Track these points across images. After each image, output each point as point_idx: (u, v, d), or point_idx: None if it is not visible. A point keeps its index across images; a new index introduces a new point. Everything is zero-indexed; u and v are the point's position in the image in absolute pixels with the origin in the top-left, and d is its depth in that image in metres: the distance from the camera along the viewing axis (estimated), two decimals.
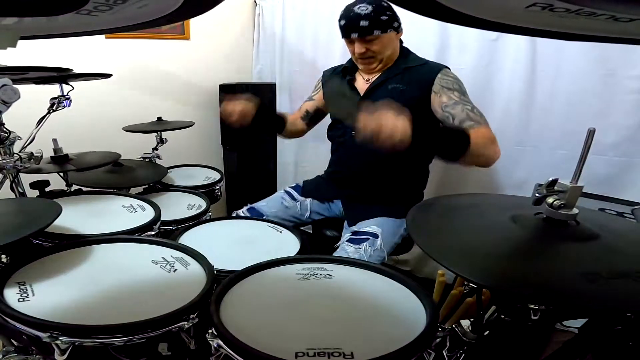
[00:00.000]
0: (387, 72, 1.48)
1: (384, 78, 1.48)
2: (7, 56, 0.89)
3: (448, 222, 0.78)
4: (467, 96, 1.37)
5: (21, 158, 1.14)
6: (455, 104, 1.33)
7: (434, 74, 1.39)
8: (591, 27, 0.42)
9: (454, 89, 1.36)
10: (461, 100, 1.33)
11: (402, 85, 1.44)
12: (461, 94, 1.36)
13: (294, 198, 1.62)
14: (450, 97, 1.35)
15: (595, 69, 1.48)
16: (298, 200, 1.62)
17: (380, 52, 1.43)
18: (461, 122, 1.30)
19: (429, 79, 1.39)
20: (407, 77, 1.45)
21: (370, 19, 1.35)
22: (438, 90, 1.37)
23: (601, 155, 1.51)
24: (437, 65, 1.45)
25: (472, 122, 1.29)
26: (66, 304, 0.78)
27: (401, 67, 1.47)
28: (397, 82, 1.45)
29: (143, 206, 1.31)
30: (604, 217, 0.90)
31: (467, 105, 1.33)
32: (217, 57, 2.61)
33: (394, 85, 1.45)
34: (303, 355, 0.66)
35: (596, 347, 0.74)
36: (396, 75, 1.46)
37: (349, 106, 1.51)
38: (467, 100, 1.35)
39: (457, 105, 1.33)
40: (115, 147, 1.65)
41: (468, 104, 1.34)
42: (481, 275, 0.59)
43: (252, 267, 0.93)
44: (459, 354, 0.76)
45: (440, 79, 1.38)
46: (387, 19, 1.37)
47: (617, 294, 0.55)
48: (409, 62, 1.48)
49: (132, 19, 0.51)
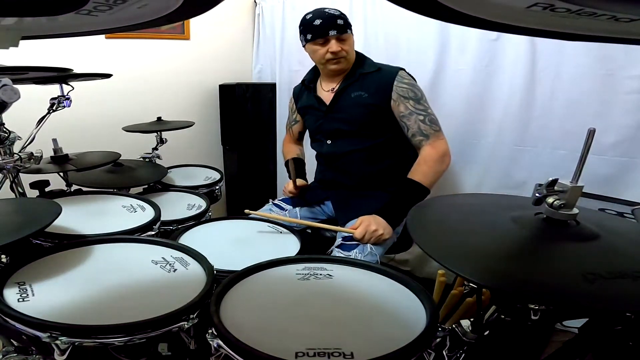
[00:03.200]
0: (346, 80, 1.53)
1: (344, 85, 1.53)
2: (7, 56, 0.89)
3: (448, 222, 0.78)
4: (422, 101, 1.45)
5: (21, 158, 1.14)
6: (410, 114, 1.43)
7: (390, 80, 1.45)
8: (592, 27, 0.42)
9: (408, 97, 1.43)
10: (415, 110, 1.43)
11: (364, 93, 1.49)
12: (416, 101, 1.43)
13: (283, 208, 1.63)
14: (406, 106, 1.43)
15: (595, 69, 1.48)
16: (286, 209, 1.63)
17: (349, 52, 1.49)
18: (413, 136, 1.44)
19: (387, 86, 1.45)
20: (366, 83, 1.50)
21: (344, 19, 1.45)
22: (396, 99, 1.44)
23: (601, 155, 1.51)
24: (391, 70, 1.49)
25: (421, 137, 1.43)
26: (66, 304, 0.78)
27: (357, 73, 1.51)
28: (357, 89, 1.50)
29: (143, 206, 1.31)
30: (604, 217, 0.90)
31: (420, 115, 1.43)
32: (217, 57, 2.61)
33: (357, 93, 1.50)
34: (303, 355, 0.66)
35: (596, 347, 0.74)
36: (354, 82, 1.51)
37: (319, 117, 1.61)
38: (420, 108, 1.43)
39: (411, 115, 1.43)
40: (115, 147, 1.65)
41: (421, 113, 1.43)
42: (481, 275, 0.59)
43: (252, 267, 0.93)
44: (459, 354, 0.76)
45: (397, 86, 1.44)
46: (347, 19, 1.47)
47: (617, 294, 0.55)
48: (365, 67, 1.52)
49: (132, 19, 0.51)
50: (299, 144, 1.88)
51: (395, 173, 1.56)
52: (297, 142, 1.87)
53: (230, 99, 2.52)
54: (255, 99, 2.55)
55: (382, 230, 1.29)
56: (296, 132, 1.84)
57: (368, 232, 1.27)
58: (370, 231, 1.27)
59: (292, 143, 1.86)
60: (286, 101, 2.55)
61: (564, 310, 0.72)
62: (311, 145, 1.74)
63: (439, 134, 1.44)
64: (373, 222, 1.29)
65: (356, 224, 1.30)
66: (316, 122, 1.62)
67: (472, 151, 1.85)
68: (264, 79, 2.73)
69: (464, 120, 1.82)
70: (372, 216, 1.32)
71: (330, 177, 1.63)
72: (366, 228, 1.27)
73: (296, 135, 1.85)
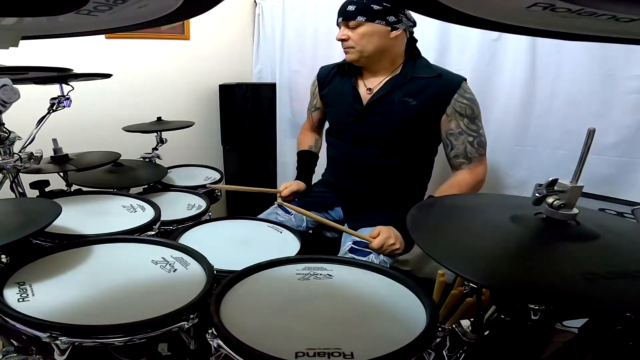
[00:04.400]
0: (393, 82, 1.38)
1: (388, 89, 1.37)
2: (7, 56, 0.89)
3: (448, 222, 0.78)
4: (477, 121, 1.33)
5: (21, 158, 1.14)
6: (459, 133, 1.32)
7: (451, 91, 1.31)
8: (592, 27, 0.42)
9: (465, 114, 1.31)
10: (466, 130, 1.32)
11: (412, 100, 1.34)
12: (470, 120, 1.32)
13: (288, 211, 1.57)
14: (458, 124, 1.32)
15: (595, 69, 1.48)
16: (292, 213, 1.56)
17: (359, 43, 1.33)
18: (455, 157, 1.35)
19: (445, 97, 1.31)
20: (417, 89, 1.34)
21: (358, 4, 1.31)
22: (450, 114, 1.32)
23: (601, 155, 1.51)
24: (454, 80, 1.34)
25: (464, 160, 1.34)
26: (66, 304, 0.78)
27: (409, 75, 1.36)
28: (405, 93, 1.35)
29: (143, 206, 1.31)
30: (604, 217, 0.90)
31: (470, 136, 1.32)
32: (217, 57, 2.61)
33: (402, 98, 1.35)
34: (303, 355, 0.66)
35: (596, 347, 0.74)
36: (404, 85, 1.36)
37: (350, 115, 1.45)
38: (473, 128, 1.32)
39: (461, 135, 1.32)
40: (115, 147, 1.65)
41: (472, 135, 1.32)
42: (481, 275, 0.59)
43: (252, 267, 0.93)
44: (459, 354, 0.76)
45: (456, 100, 1.31)
46: (379, 9, 1.29)
47: (617, 294, 0.55)
48: (418, 70, 1.37)
49: (132, 19, 0.51)
50: (318, 132, 1.77)
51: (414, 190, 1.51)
52: (316, 129, 1.77)
53: (230, 99, 2.52)
54: (255, 99, 2.55)
55: (398, 245, 1.27)
56: (316, 119, 1.71)
57: (386, 244, 1.25)
58: (388, 243, 1.25)
59: (309, 131, 1.76)
60: (286, 101, 2.56)
61: (564, 310, 0.72)
62: (328, 139, 1.60)
63: (482, 159, 1.35)
64: (392, 235, 1.26)
65: (374, 233, 1.27)
66: (344, 119, 1.47)
67: None
68: (264, 79, 2.73)
69: None
70: (390, 228, 1.29)
71: (346, 185, 1.51)
72: (385, 240, 1.24)
73: (316, 123, 1.72)
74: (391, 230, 1.28)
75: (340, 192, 1.55)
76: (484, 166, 1.36)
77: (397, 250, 1.28)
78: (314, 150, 1.73)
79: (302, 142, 1.74)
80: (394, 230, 1.28)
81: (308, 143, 1.72)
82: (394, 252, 1.28)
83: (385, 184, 1.45)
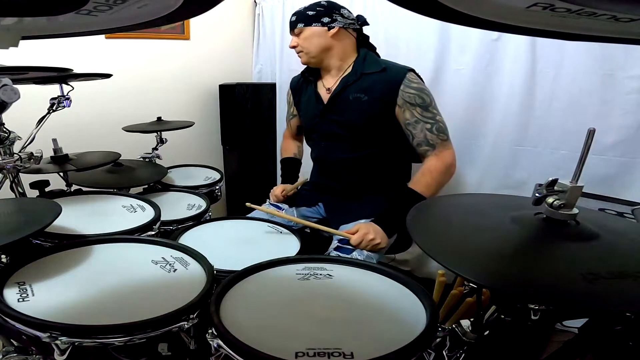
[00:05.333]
0: (345, 79, 1.45)
1: (342, 85, 1.45)
2: (7, 56, 0.89)
3: (448, 222, 0.78)
4: (431, 108, 1.36)
5: (21, 158, 1.14)
6: (416, 122, 1.36)
7: (396, 83, 1.36)
8: (592, 27, 0.42)
9: (416, 103, 1.35)
10: (422, 118, 1.35)
11: (364, 95, 1.41)
12: (423, 109, 1.35)
13: (280, 208, 1.60)
14: (412, 113, 1.36)
15: (595, 69, 1.48)
16: (283, 208, 1.60)
17: (303, 46, 1.47)
18: (418, 145, 1.38)
19: (392, 89, 1.36)
20: (367, 85, 1.41)
21: (297, 15, 1.47)
22: (402, 105, 1.36)
23: (601, 155, 1.51)
24: (398, 72, 1.39)
25: (427, 147, 1.36)
26: (66, 304, 0.78)
27: (358, 72, 1.43)
28: (357, 90, 1.42)
29: (143, 206, 1.31)
30: (604, 217, 0.90)
31: (427, 123, 1.35)
32: (217, 57, 2.61)
33: (355, 95, 1.42)
34: (303, 355, 0.66)
35: (596, 347, 0.74)
36: (354, 83, 1.43)
37: (315, 116, 1.55)
38: (428, 115, 1.36)
39: (418, 124, 1.36)
40: (115, 147, 1.65)
41: (428, 122, 1.35)
42: (481, 275, 0.59)
43: (252, 267, 0.93)
44: (459, 354, 0.76)
45: (403, 91, 1.35)
46: (313, 13, 1.43)
47: (617, 294, 0.55)
48: (367, 66, 1.43)
49: (132, 19, 0.51)
50: (299, 139, 1.83)
51: (392, 179, 1.54)
52: (297, 137, 1.83)
53: (230, 99, 2.53)
54: (255, 99, 2.55)
55: (379, 240, 1.27)
56: (294, 126, 1.78)
57: (365, 240, 1.25)
58: (367, 239, 1.25)
59: (291, 139, 1.83)
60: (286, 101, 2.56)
61: (564, 310, 0.72)
62: (307, 143, 1.70)
63: (446, 144, 1.37)
64: (371, 231, 1.27)
65: (353, 229, 1.28)
66: (312, 121, 1.56)
67: (472, 151, 1.85)
68: (264, 79, 2.73)
69: (464, 120, 1.82)
70: (369, 224, 1.30)
71: (323, 182, 1.59)
72: (363, 236, 1.25)
73: (294, 130, 1.79)
74: (370, 226, 1.29)
75: (319, 190, 1.62)
76: (450, 151, 1.39)
77: (379, 245, 1.27)
78: (298, 157, 1.79)
79: (285, 150, 1.80)
80: (373, 226, 1.29)
81: (292, 150, 1.78)
82: (376, 247, 1.28)
83: (358, 177, 1.50)
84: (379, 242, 1.27)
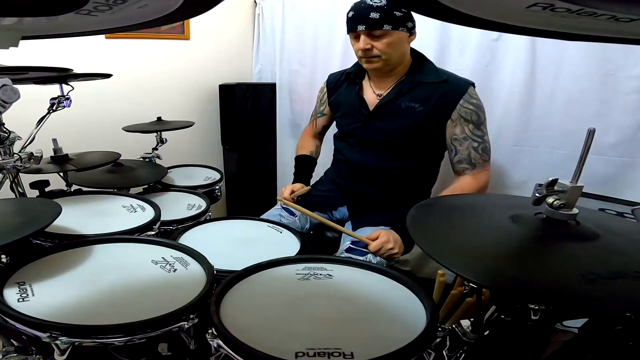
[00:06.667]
0: (399, 87, 1.38)
1: (395, 94, 1.37)
2: (7, 56, 0.89)
3: (448, 222, 0.78)
4: (482, 127, 1.33)
5: (21, 158, 1.14)
6: (464, 139, 1.32)
7: (457, 96, 1.30)
8: (592, 27, 0.42)
9: (470, 120, 1.31)
10: (471, 135, 1.31)
11: (418, 105, 1.34)
12: (475, 126, 1.31)
13: (293, 213, 1.57)
14: (462, 129, 1.31)
15: (595, 69, 1.48)
16: (296, 215, 1.56)
17: (386, 52, 1.30)
18: (458, 162, 1.34)
19: (450, 102, 1.31)
20: (423, 94, 1.34)
21: (382, 12, 1.25)
22: (455, 119, 1.32)
23: (601, 155, 1.50)
24: (459, 85, 1.33)
25: (467, 165, 1.33)
26: (66, 304, 0.78)
27: (415, 80, 1.36)
28: (411, 99, 1.35)
29: (143, 206, 1.31)
30: (604, 217, 0.90)
31: (474, 142, 1.32)
32: (217, 57, 2.61)
33: (409, 104, 1.35)
34: (303, 355, 0.66)
35: (596, 347, 0.74)
36: (410, 91, 1.35)
37: (357, 121, 1.47)
38: (478, 134, 1.32)
39: (466, 140, 1.32)
40: (115, 147, 1.65)
41: (477, 140, 1.32)
42: (481, 275, 0.59)
43: (252, 267, 0.93)
44: (459, 354, 0.76)
45: (462, 105, 1.30)
46: (401, 15, 1.27)
47: (617, 294, 0.55)
48: (425, 75, 1.36)
49: (132, 19, 0.51)
50: (319, 138, 1.77)
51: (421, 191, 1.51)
52: (318, 136, 1.76)
53: (230, 99, 2.52)
54: (255, 99, 2.56)
55: (397, 249, 1.25)
56: (320, 125, 1.71)
57: (384, 247, 1.24)
58: (386, 248, 1.24)
59: (311, 137, 1.75)
60: (286, 101, 2.56)
61: (564, 310, 0.72)
62: (335, 143, 1.61)
63: (486, 165, 1.34)
64: (391, 240, 1.24)
65: (373, 236, 1.26)
66: (351, 125, 1.48)
67: None
68: (264, 79, 2.73)
69: None
70: (389, 231, 1.28)
71: (351, 186, 1.52)
72: (383, 244, 1.23)
73: (319, 129, 1.72)
74: (390, 234, 1.27)
75: (346, 193, 1.56)
76: (487, 173, 1.36)
77: (396, 255, 1.26)
78: (314, 157, 1.73)
79: (302, 147, 1.73)
80: (393, 234, 1.27)
81: (309, 148, 1.72)
82: (392, 257, 1.27)
83: (391, 186, 1.46)
84: (396, 251, 1.25)
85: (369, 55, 1.33)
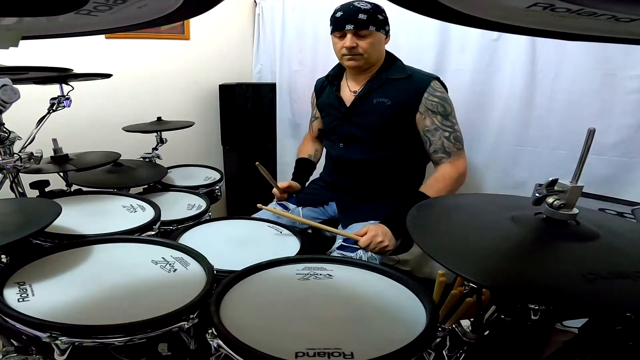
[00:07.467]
0: (370, 83, 1.47)
1: (367, 89, 1.47)
2: (7, 56, 0.89)
3: (448, 222, 0.78)
4: (450, 117, 1.40)
5: (21, 158, 1.14)
6: (435, 129, 1.40)
7: (420, 90, 1.39)
8: (592, 27, 0.42)
9: (437, 112, 1.39)
10: (441, 126, 1.39)
11: (387, 100, 1.43)
12: (444, 117, 1.39)
13: (287, 208, 1.61)
14: (432, 121, 1.39)
15: (595, 69, 1.48)
16: (290, 208, 1.61)
17: (368, 51, 1.41)
18: (434, 152, 1.42)
19: (415, 96, 1.39)
20: (392, 90, 1.43)
21: (368, 14, 1.37)
22: (423, 112, 1.39)
23: (601, 155, 1.51)
24: (423, 79, 1.42)
25: (443, 154, 1.40)
26: (66, 304, 0.78)
27: (384, 77, 1.46)
28: (381, 95, 1.44)
29: (143, 206, 1.31)
30: (604, 217, 0.90)
31: (446, 132, 1.39)
32: (217, 57, 2.61)
33: (379, 100, 1.44)
34: (303, 355, 0.66)
35: (596, 347, 0.74)
36: (379, 87, 1.45)
37: (336, 118, 1.56)
38: (447, 124, 1.39)
39: (437, 131, 1.40)
40: (115, 147, 1.65)
41: (447, 130, 1.39)
42: (481, 275, 0.59)
43: (252, 267, 0.93)
44: (459, 354, 0.76)
45: (427, 98, 1.38)
46: (382, 19, 1.40)
47: (617, 294, 0.55)
48: (393, 72, 1.46)
49: (132, 19, 0.51)
50: (318, 142, 1.82)
51: (406, 183, 1.55)
52: (316, 140, 1.82)
53: (230, 99, 2.53)
54: (255, 99, 2.56)
55: (387, 242, 1.27)
56: (316, 129, 1.78)
57: (373, 242, 1.26)
58: (375, 242, 1.26)
59: (310, 141, 1.83)
60: (286, 101, 2.56)
61: (564, 310, 0.72)
62: (324, 144, 1.72)
63: (460, 152, 1.41)
64: (380, 233, 1.27)
65: (362, 231, 1.28)
66: (332, 123, 1.58)
67: (472, 151, 1.85)
68: (264, 79, 2.73)
69: (464, 120, 1.80)
70: (378, 226, 1.30)
71: (337, 181, 1.60)
72: (372, 238, 1.26)
73: (315, 133, 1.79)
74: (379, 228, 1.29)
75: (332, 188, 1.63)
76: (463, 160, 1.43)
77: (387, 248, 1.28)
78: (313, 160, 1.79)
79: (301, 151, 1.81)
80: (382, 227, 1.30)
81: (308, 152, 1.79)
82: (384, 250, 1.29)
83: (373, 179, 1.52)
84: (386, 244, 1.27)
85: (354, 53, 1.42)
